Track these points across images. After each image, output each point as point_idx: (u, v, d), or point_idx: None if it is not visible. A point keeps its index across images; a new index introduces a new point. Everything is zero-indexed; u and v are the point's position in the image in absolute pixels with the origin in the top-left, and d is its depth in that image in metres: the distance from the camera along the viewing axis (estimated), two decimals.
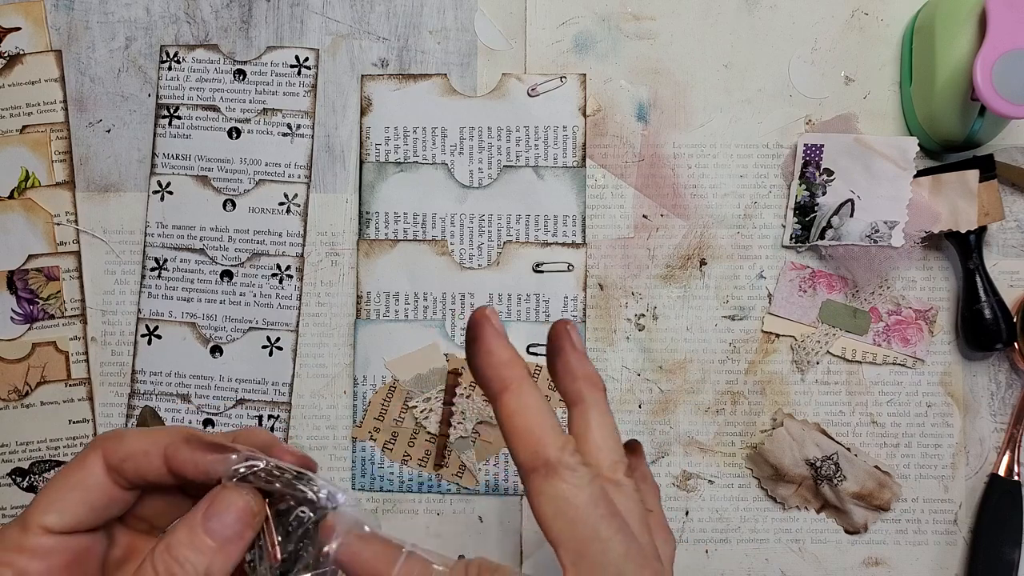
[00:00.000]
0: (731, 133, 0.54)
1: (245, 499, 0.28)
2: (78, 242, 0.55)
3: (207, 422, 0.54)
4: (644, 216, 0.54)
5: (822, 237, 0.53)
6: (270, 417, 0.54)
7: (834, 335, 0.53)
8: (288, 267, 0.54)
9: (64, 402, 0.54)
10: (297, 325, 0.54)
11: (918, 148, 0.52)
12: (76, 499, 0.29)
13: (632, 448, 0.37)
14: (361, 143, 0.55)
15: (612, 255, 0.54)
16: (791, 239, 0.54)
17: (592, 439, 0.31)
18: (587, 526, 0.28)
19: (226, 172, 0.54)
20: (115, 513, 0.30)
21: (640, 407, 0.54)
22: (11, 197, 0.54)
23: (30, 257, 0.54)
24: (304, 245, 0.54)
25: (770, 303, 0.54)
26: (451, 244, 0.54)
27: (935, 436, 0.53)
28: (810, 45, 0.55)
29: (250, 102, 0.55)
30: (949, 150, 0.53)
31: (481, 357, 0.31)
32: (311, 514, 0.29)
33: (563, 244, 0.54)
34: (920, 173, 0.52)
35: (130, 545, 0.33)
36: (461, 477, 0.53)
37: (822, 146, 0.53)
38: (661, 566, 0.29)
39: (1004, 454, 0.52)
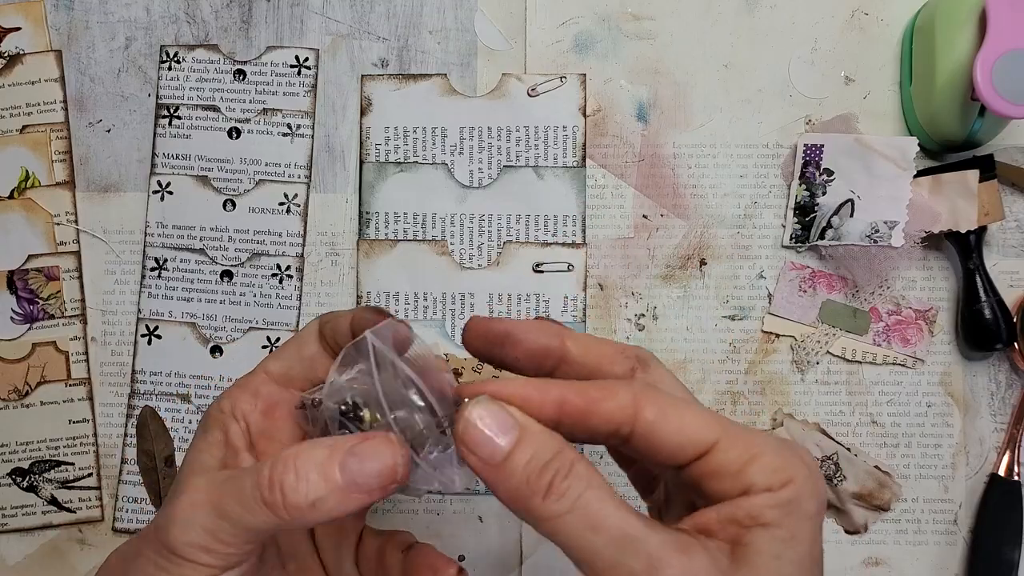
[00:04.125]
0: (731, 133, 0.54)
1: (395, 457, 0.27)
2: (78, 242, 0.55)
3: None
4: (644, 216, 0.54)
5: (822, 237, 0.53)
6: None
7: (834, 335, 0.53)
8: (288, 267, 0.54)
9: (64, 402, 0.54)
10: (297, 325, 0.54)
11: (918, 148, 0.52)
12: (291, 351, 0.35)
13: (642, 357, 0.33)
14: (361, 143, 0.55)
15: (612, 255, 0.54)
16: (791, 239, 0.54)
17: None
18: None
19: (226, 172, 0.54)
20: (321, 375, 0.34)
21: None
22: (11, 197, 0.54)
23: (30, 257, 0.54)
24: (304, 245, 0.54)
25: (770, 303, 0.54)
26: (451, 244, 0.54)
27: (935, 436, 0.53)
28: (810, 45, 0.55)
29: (250, 102, 0.55)
30: (949, 150, 0.53)
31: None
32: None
33: (563, 244, 0.54)
34: (920, 173, 0.52)
35: None
36: None
37: (822, 146, 0.53)
38: None
39: (1004, 454, 0.52)
